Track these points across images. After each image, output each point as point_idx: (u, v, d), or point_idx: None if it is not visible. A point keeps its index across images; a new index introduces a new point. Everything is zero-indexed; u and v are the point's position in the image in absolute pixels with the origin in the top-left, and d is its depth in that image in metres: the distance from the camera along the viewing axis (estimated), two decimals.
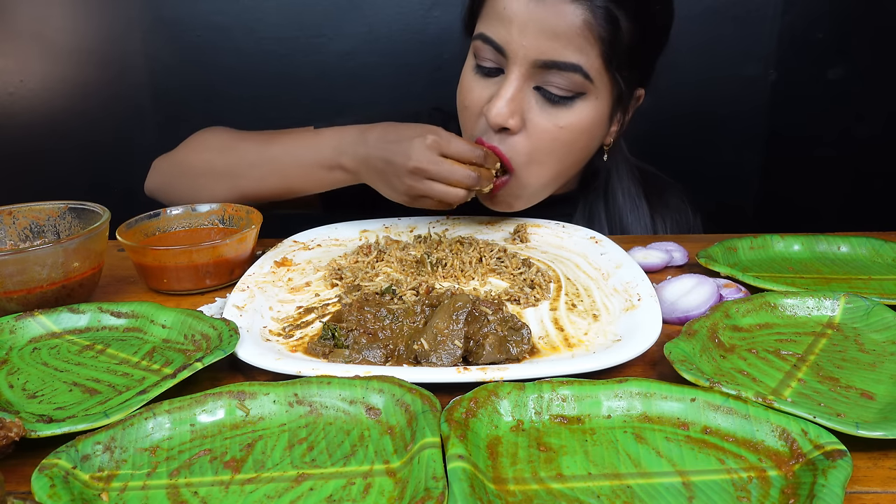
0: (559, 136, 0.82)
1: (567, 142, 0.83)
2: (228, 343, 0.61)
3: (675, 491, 0.46)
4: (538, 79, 0.81)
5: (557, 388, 0.54)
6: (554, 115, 0.82)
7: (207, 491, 0.47)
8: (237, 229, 0.87)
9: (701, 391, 0.53)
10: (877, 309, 0.67)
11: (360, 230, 0.95)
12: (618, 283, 0.76)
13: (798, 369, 0.59)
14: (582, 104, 0.82)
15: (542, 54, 0.78)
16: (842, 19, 1.45)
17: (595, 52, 0.79)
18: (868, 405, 0.54)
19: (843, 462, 0.45)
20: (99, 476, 0.47)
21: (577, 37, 0.78)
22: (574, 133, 0.82)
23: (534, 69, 0.80)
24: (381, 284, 0.77)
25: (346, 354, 0.63)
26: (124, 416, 0.51)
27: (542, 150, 0.83)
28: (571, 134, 0.82)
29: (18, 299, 0.71)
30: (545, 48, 0.78)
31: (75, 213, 0.81)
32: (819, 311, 0.69)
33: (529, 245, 0.92)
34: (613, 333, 0.66)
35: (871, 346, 0.63)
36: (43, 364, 0.63)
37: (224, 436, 0.52)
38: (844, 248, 0.88)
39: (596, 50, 0.79)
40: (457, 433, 0.49)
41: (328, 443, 0.51)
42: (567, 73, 0.79)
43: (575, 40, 0.78)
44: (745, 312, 0.68)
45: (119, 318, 0.70)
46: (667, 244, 0.89)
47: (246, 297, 0.73)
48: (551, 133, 0.82)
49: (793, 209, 1.60)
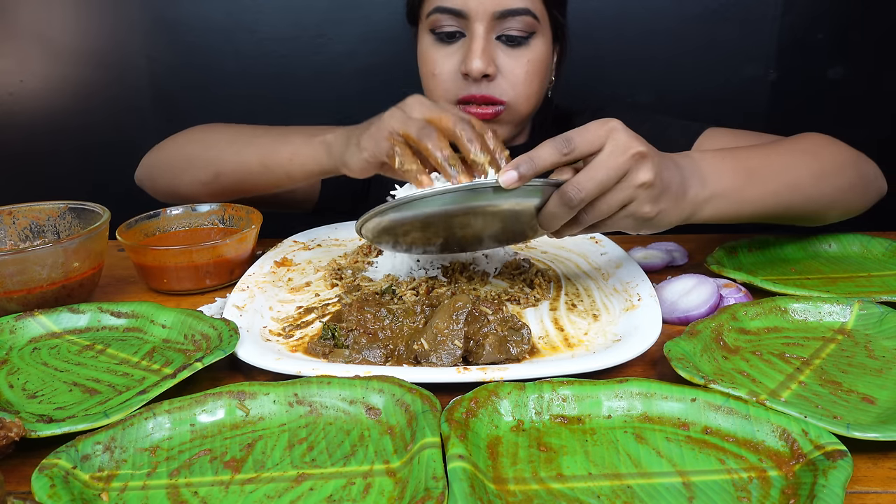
0: (529, 69, 0.96)
1: (535, 72, 0.97)
2: (228, 343, 0.61)
3: (676, 491, 0.46)
4: (498, 28, 0.94)
5: (558, 388, 0.54)
6: (518, 54, 0.96)
7: (207, 491, 0.47)
8: (237, 229, 0.87)
9: (701, 391, 0.53)
10: (890, 316, 0.67)
11: None
12: (618, 283, 0.76)
13: (801, 372, 0.59)
14: (535, 41, 0.96)
15: (498, 5, 0.92)
16: (842, 19, 1.45)
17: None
18: (867, 409, 0.54)
19: (843, 462, 0.45)
20: (99, 476, 0.47)
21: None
22: (538, 64, 0.97)
23: (493, 21, 0.93)
24: (381, 284, 0.77)
25: (346, 354, 0.63)
26: (124, 416, 0.51)
27: (520, 83, 0.96)
28: (536, 65, 0.97)
29: (18, 299, 0.71)
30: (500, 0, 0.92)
31: (75, 213, 0.81)
32: (831, 317, 0.69)
33: (529, 245, 0.92)
34: (613, 333, 0.66)
35: (881, 352, 0.63)
36: (43, 364, 0.63)
37: (224, 436, 0.52)
38: (834, 246, 0.90)
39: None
40: (457, 433, 0.48)
41: (328, 443, 0.51)
42: (521, 17, 0.93)
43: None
44: (754, 316, 0.68)
45: (119, 318, 0.70)
46: (667, 244, 0.89)
47: (246, 297, 0.73)
48: (523, 68, 0.96)
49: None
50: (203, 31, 1.44)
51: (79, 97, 1.48)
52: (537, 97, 1.01)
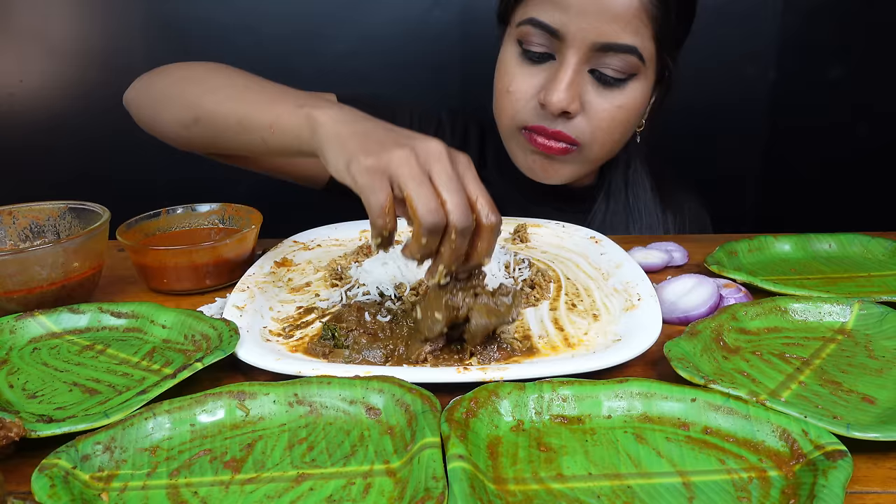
0: (617, 115, 0.85)
1: (624, 120, 0.86)
2: (228, 343, 0.61)
3: (676, 491, 0.46)
4: (594, 61, 0.82)
5: (558, 388, 0.54)
6: (610, 96, 0.84)
7: (207, 491, 0.47)
8: (237, 229, 0.87)
9: (701, 391, 0.53)
10: (890, 316, 0.67)
11: (360, 230, 0.95)
12: (618, 283, 0.76)
13: (801, 372, 0.59)
14: (634, 84, 0.84)
15: (600, 37, 0.80)
16: (842, 19, 1.45)
17: (649, 33, 0.82)
18: (867, 409, 0.54)
19: (843, 462, 0.45)
20: (99, 476, 0.47)
21: (634, 18, 0.80)
22: (629, 112, 0.86)
23: (591, 52, 0.81)
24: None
25: (346, 354, 0.63)
26: (124, 416, 0.51)
27: (602, 129, 0.86)
28: (627, 113, 0.86)
29: (18, 299, 0.71)
30: (604, 30, 0.80)
31: (75, 213, 0.81)
32: (831, 317, 0.69)
33: (529, 245, 0.92)
34: (613, 333, 0.66)
35: (882, 352, 0.63)
36: (43, 364, 0.63)
37: (224, 436, 0.52)
38: (834, 246, 0.89)
39: (649, 31, 0.82)
40: (457, 433, 0.48)
41: (328, 443, 0.51)
42: (623, 55, 0.81)
43: (632, 22, 0.80)
44: (755, 316, 0.68)
45: (119, 319, 0.70)
46: (667, 244, 0.89)
47: (246, 298, 0.73)
48: (610, 113, 0.84)
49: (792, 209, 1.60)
50: (203, 30, 1.44)
51: (79, 97, 1.48)
52: (617, 146, 0.91)
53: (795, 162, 1.55)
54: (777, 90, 1.49)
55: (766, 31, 1.44)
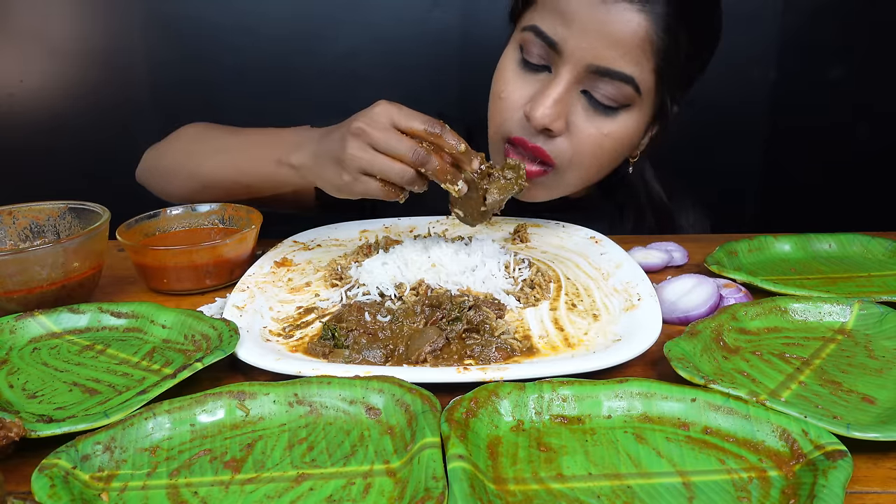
0: (603, 143, 0.81)
1: (609, 149, 0.82)
2: (228, 343, 0.61)
3: (676, 491, 0.46)
4: (587, 83, 0.79)
5: (558, 388, 0.54)
6: (598, 122, 0.81)
7: (207, 491, 0.47)
8: (237, 229, 0.87)
9: (702, 391, 0.53)
10: (890, 316, 0.67)
11: (360, 230, 0.95)
12: (618, 283, 0.76)
13: (801, 372, 0.59)
14: (626, 115, 0.81)
15: (597, 59, 0.77)
16: (843, 19, 1.45)
17: (650, 66, 0.78)
18: (867, 409, 0.54)
19: (843, 462, 0.45)
20: (99, 476, 0.47)
21: (636, 48, 0.77)
22: (616, 142, 0.82)
23: (585, 73, 0.78)
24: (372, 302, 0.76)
25: (346, 354, 0.63)
26: (124, 416, 0.51)
27: (585, 154, 0.82)
28: (614, 143, 0.82)
29: (18, 299, 0.71)
30: (602, 54, 0.76)
31: (75, 213, 0.81)
32: (831, 317, 0.69)
33: (529, 245, 0.92)
34: (613, 333, 0.66)
35: (881, 352, 0.63)
36: (43, 364, 0.63)
37: (224, 436, 0.52)
38: (834, 246, 0.89)
39: (651, 64, 0.78)
40: (457, 433, 0.48)
41: (328, 443, 0.51)
42: (618, 83, 0.78)
43: (633, 51, 0.77)
44: (755, 316, 0.68)
45: (119, 319, 0.70)
46: (667, 244, 0.89)
47: (246, 298, 0.73)
48: (596, 139, 0.81)
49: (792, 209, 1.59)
50: (203, 30, 1.44)
51: (79, 97, 1.48)
52: (597, 175, 0.87)
53: (796, 162, 1.55)
54: (778, 90, 1.49)
55: (767, 31, 1.44)
